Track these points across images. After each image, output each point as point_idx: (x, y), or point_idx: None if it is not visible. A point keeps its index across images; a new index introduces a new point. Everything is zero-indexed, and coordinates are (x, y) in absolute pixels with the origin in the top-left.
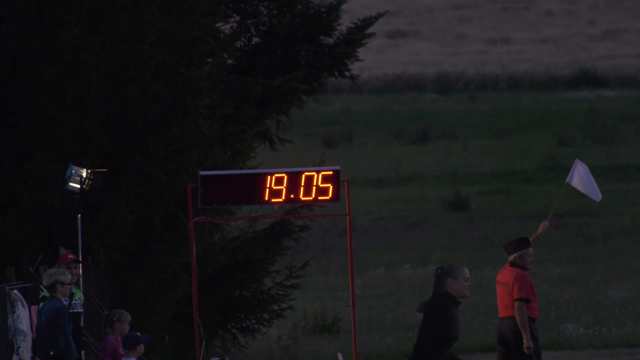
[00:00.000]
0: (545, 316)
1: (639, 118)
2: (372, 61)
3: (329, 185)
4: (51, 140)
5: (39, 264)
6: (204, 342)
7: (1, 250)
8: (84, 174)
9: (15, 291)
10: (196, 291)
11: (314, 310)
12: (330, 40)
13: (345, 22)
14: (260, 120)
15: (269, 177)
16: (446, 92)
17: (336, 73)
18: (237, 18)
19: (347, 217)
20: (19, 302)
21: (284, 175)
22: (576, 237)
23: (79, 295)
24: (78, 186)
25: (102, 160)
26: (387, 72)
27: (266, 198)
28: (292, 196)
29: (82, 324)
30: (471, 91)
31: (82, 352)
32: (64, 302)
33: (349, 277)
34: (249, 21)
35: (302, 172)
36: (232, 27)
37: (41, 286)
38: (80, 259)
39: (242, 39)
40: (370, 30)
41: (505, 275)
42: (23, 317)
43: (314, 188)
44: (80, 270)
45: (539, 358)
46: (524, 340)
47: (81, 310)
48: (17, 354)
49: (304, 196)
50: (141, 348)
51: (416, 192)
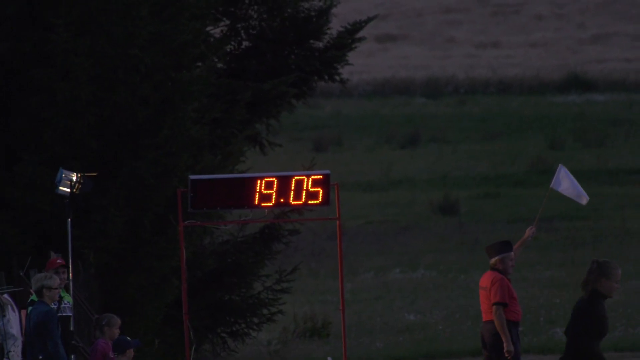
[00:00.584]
0: (535, 320)
1: (628, 122)
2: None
3: (319, 189)
4: (41, 142)
5: (29, 268)
6: (193, 346)
7: None
8: (74, 178)
9: (6, 295)
10: (186, 295)
11: (303, 314)
12: (320, 44)
13: (335, 26)
14: (250, 124)
15: (258, 181)
16: (436, 96)
17: (326, 77)
18: (227, 22)
19: (337, 221)
20: (9, 306)
21: (274, 179)
22: (566, 241)
23: (68, 299)
24: (68, 190)
25: (92, 163)
26: (377, 76)
27: (256, 202)
28: (282, 200)
29: (71, 328)
30: (461, 95)
31: (72, 356)
32: (53, 307)
33: (339, 281)
34: (239, 25)
35: (292, 176)
36: (222, 31)
37: (31, 290)
38: (71, 263)
39: (232, 42)
40: (360, 34)
41: (485, 279)
42: (13, 321)
43: (304, 192)
44: (70, 274)
45: None
46: (504, 344)
47: (70, 314)
48: (7, 358)
49: (294, 200)
50: (131, 352)
51: (406, 196)
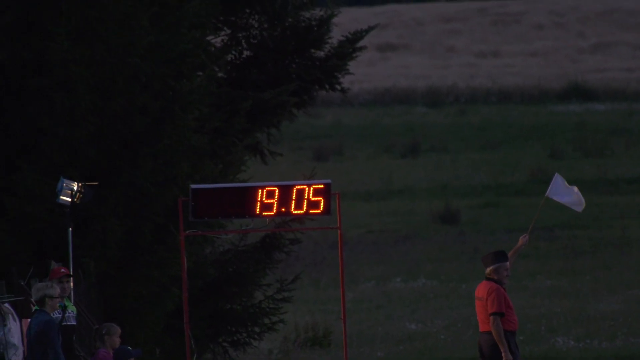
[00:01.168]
0: (536, 329)
1: (628, 131)
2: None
3: (320, 198)
4: (40, 151)
5: (30, 277)
6: (194, 356)
7: None
8: (75, 188)
9: (7, 304)
10: (187, 304)
11: (305, 324)
12: (321, 54)
13: (335, 36)
14: (251, 134)
15: (260, 190)
16: (436, 105)
17: (327, 86)
18: (228, 31)
19: (338, 231)
20: (10, 316)
21: (275, 188)
22: (566, 250)
23: (72, 309)
24: (69, 199)
25: (91, 172)
26: (378, 85)
27: (257, 211)
28: (283, 209)
29: (74, 338)
30: (461, 104)
31: None
32: (54, 316)
33: (340, 290)
34: (240, 34)
35: (294, 186)
36: (222, 40)
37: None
38: (71, 272)
39: (233, 52)
40: (361, 43)
41: (481, 290)
42: (14, 331)
43: (305, 201)
44: (72, 283)
45: None
46: (502, 354)
47: (75, 323)
48: None
49: (295, 209)
50: None
51: (406, 205)
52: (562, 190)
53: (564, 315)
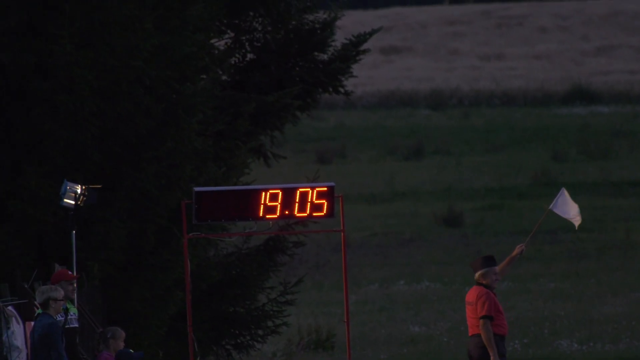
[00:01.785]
0: (539, 332)
1: (632, 134)
2: (365, 77)
3: (324, 201)
4: (43, 154)
5: (34, 280)
6: (198, 358)
7: None
8: (79, 190)
9: (10, 307)
10: (190, 307)
11: (308, 326)
12: (325, 57)
13: (339, 38)
14: (254, 136)
15: (263, 193)
16: (440, 107)
17: (330, 89)
18: (232, 34)
19: (342, 233)
20: (13, 319)
21: (278, 191)
22: (570, 253)
23: (74, 311)
24: (73, 202)
25: (95, 175)
26: (381, 88)
27: (261, 214)
28: (286, 212)
29: (77, 340)
30: (465, 107)
31: None
32: (58, 319)
33: (344, 293)
34: (243, 37)
35: (297, 188)
36: (226, 43)
37: (36, 302)
38: (75, 275)
39: (237, 55)
40: (364, 46)
41: (471, 294)
42: (17, 334)
43: (309, 204)
44: (76, 286)
45: None
46: (491, 357)
47: (77, 325)
48: None
49: (298, 212)
50: None
51: (410, 208)
52: (566, 206)
53: (567, 318)
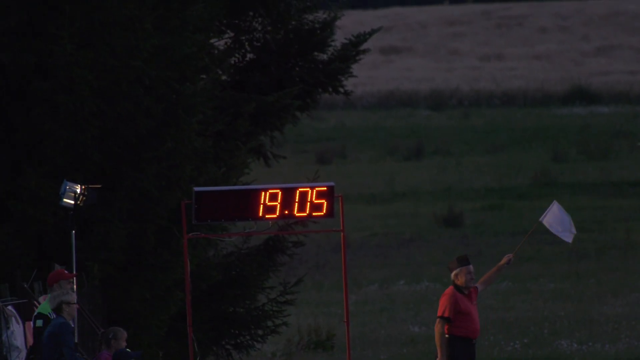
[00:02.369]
0: (539, 332)
1: (632, 134)
2: (365, 77)
3: (323, 201)
4: (43, 154)
5: (34, 280)
6: (198, 358)
7: None
8: (78, 190)
9: (10, 307)
10: (190, 307)
11: (308, 327)
12: (324, 57)
13: (339, 38)
14: (254, 136)
15: (263, 193)
16: (440, 108)
17: (330, 89)
18: (231, 34)
19: (341, 233)
20: (13, 318)
21: (278, 191)
22: (570, 253)
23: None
24: (72, 202)
25: (95, 175)
26: (381, 88)
27: (260, 214)
28: (286, 212)
29: (75, 340)
30: (465, 107)
31: None
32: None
33: (343, 293)
34: (243, 37)
35: (297, 188)
36: (226, 43)
37: (35, 302)
38: (75, 275)
39: (236, 55)
40: (364, 46)
41: None
42: (17, 334)
43: (308, 204)
44: (75, 286)
45: None
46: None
47: (73, 326)
48: None
49: (298, 212)
50: None
51: (410, 208)
52: (556, 219)
53: (567, 318)
